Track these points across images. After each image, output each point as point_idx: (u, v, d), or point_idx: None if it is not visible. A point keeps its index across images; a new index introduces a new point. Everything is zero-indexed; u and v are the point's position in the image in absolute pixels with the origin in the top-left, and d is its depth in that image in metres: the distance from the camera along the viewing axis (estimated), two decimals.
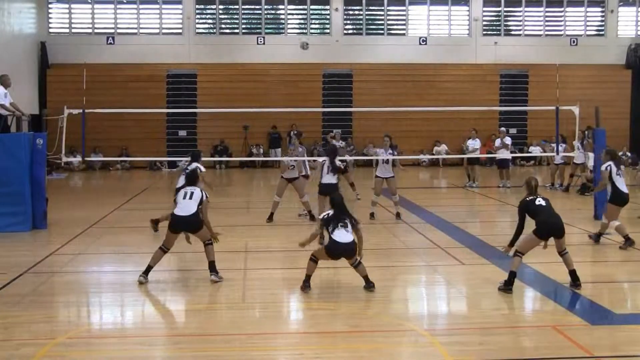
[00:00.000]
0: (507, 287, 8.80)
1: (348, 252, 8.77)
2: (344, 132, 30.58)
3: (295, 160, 14.65)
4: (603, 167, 12.36)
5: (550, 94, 18.18)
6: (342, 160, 14.29)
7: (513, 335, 7.19)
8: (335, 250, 8.75)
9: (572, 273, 8.94)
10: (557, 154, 18.06)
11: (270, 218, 14.31)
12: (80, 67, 21.89)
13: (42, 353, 6.58)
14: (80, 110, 14.79)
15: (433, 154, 29.84)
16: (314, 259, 8.92)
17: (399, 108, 27.07)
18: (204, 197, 9.54)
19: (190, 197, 9.50)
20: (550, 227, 8.97)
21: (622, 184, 12.27)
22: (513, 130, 30.58)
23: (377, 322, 7.70)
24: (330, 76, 30.87)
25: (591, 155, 16.49)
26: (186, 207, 9.43)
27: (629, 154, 30.10)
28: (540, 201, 9.06)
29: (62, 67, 29.10)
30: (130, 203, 18.10)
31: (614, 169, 12.23)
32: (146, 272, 9.36)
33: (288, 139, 29.49)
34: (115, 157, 28.08)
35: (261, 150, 30.03)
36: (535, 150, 29.04)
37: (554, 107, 15.94)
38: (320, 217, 9.17)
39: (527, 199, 9.20)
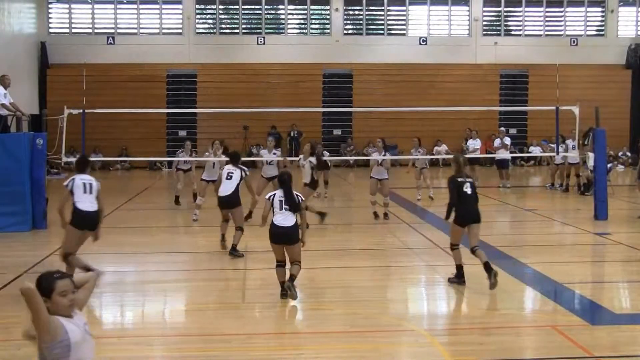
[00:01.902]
0: (458, 279, 9.08)
1: (288, 237, 8.29)
2: (344, 132, 30.61)
3: (274, 158, 14.74)
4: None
5: (550, 94, 18.17)
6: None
7: (513, 335, 7.19)
8: (275, 235, 8.34)
9: (486, 265, 8.83)
10: (557, 154, 18.07)
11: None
12: (80, 67, 21.91)
13: None
14: (80, 110, 14.82)
15: (433, 154, 29.81)
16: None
17: (399, 108, 27.06)
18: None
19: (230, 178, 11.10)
20: (470, 216, 9.12)
21: None
22: (513, 131, 30.59)
23: (377, 322, 7.69)
24: (330, 76, 30.87)
25: (591, 155, 16.48)
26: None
27: (629, 154, 30.13)
28: (467, 188, 9.13)
29: (62, 67, 29.09)
30: (130, 203, 18.09)
31: None
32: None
33: (288, 140, 29.52)
34: (115, 157, 28.07)
35: (261, 150, 29.99)
36: (535, 150, 29.02)
37: (554, 107, 15.96)
38: (267, 196, 8.71)
39: (457, 179, 9.23)
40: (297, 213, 8.46)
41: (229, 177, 11.33)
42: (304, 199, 8.98)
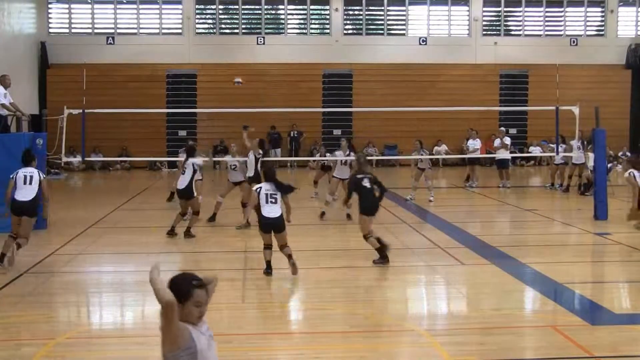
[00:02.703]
0: (382, 260, 10.05)
1: (276, 226, 9.45)
2: (343, 132, 30.58)
3: (237, 163, 14.68)
4: (626, 174, 12.98)
5: (550, 94, 18.17)
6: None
7: (513, 335, 7.19)
8: (265, 226, 9.48)
9: (380, 249, 10.04)
10: (557, 154, 18.06)
11: (212, 218, 14.25)
12: (80, 67, 21.92)
13: (42, 353, 6.58)
14: (80, 110, 14.80)
15: (433, 154, 29.80)
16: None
17: (399, 108, 27.04)
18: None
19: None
20: (373, 207, 10.49)
21: None
22: (513, 131, 30.57)
23: (377, 322, 7.69)
24: (330, 76, 30.86)
25: (591, 155, 16.49)
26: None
27: (629, 154, 30.12)
28: (366, 183, 10.42)
29: (62, 67, 29.09)
30: (130, 203, 18.09)
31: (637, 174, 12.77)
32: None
33: (289, 140, 29.52)
34: (115, 157, 28.07)
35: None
36: (535, 151, 29.02)
37: (554, 107, 15.95)
38: (254, 189, 9.77)
39: (357, 175, 10.61)
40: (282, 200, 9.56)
41: (182, 172, 12.66)
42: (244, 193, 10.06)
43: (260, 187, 9.58)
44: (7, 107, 14.08)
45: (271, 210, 9.43)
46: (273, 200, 9.47)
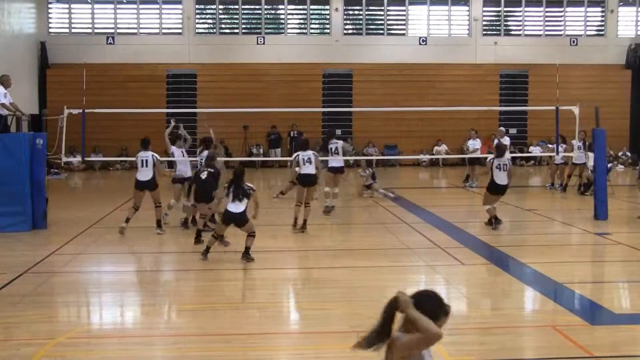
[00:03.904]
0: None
1: (237, 220, 10.35)
2: (343, 132, 30.57)
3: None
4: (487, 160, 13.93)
5: (550, 94, 18.15)
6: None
7: (513, 335, 7.19)
8: (227, 219, 10.38)
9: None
10: (557, 154, 18.06)
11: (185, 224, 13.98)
12: (80, 67, 21.88)
13: (42, 353, 6.58)
14: (80, 110, 14.80)
15: (433, 154, 29.84)
16: (214, 235, 10.56)
17: (399, 108, 27.05)
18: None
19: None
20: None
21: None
22: (513, 130, 30.56)
23: None
24: (330, 76, 30.85)
25: (591, 155, 16.50)
26: None
27: (628, 154, 30.13)
28: (203, 174, 11.95)
29: (62, 67, 29.08)
30: (130, 203, 18.02)
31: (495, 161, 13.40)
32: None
33: (289, 140, 29.51)
34: (115, 157, 28.05)
35: (261, 151, 30.02)
36: (535, 150, 29.02)
37: (554, 107, 15.94)
38: (225, 184, 10.66)
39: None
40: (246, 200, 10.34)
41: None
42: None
43: (231, 183, 10.46)
44: (7, 107, 14.08)
45: (235, 207, 10.27)
46: (238, 197, 10.29)
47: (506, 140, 21.53)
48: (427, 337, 3.48)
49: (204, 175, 12.16)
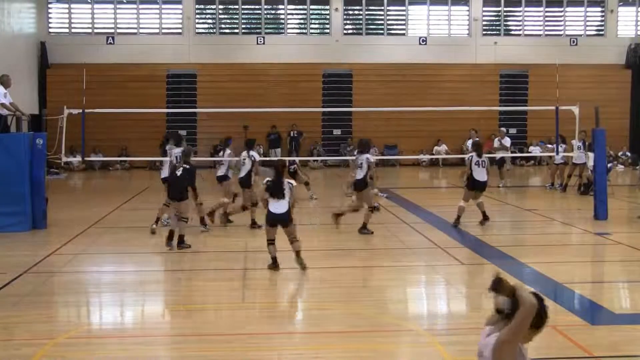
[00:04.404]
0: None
1: (282, 221, 9.74)
2: (344, 132, 30.58)
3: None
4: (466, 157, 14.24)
5: (550, 94, 18.15)
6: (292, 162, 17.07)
7: None
8: (271, 220, 9.76)
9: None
10: (557, 154, 18.05)
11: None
12: (80, 67, 21.87)
13: (42, 353, 6.58)
14: (80, 110, 14.79)
15: (433, 154, 29.84)
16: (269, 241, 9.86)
17: (399, 108, 27.04)
18: None
19: None
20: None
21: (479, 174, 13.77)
22: (513, 130, 30.57)
23: (376, 322, 7.69)
24: (330, 76, 30.85)
25: (591, 155, 16.49)
26: None
27: (628, 154, 30.13)
28: (179, 171, 11.70)
29: (62, 67, 29.07)
30: (130, 203, 18.10)
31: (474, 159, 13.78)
32: None
33: (288, 140, 29.50)
34: (115, 157, 28.06)
35: (261, 151, 29.96)
36: (535, 150, 29.02)
37: (554, 107, 15.95)
38: (264, 182, 9.98)
39: None
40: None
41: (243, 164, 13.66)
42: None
43: (270, 180, 9.87)
44: (7, 107, 14.07)
45: (277, 207, 9.69)
46: (280, 196, 9.69)
47: (507, 141, 21.54)
48: (525, 308, 3.71)
49: (179, 172, 11.79)
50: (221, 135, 29.31)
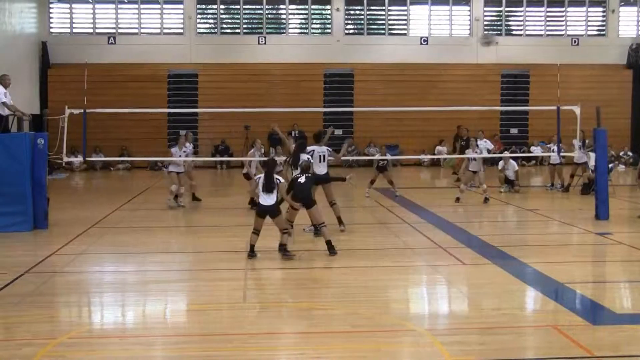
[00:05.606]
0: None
1: (271, 212, 10.60)
2: (345, 132, 30.56)
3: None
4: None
5: (552, 94, 18.14)
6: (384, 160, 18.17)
7: (514, 335, 7.18)
8: (260, 211, 10.66)
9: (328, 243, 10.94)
10: (558, 154, 18.02)
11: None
12: (81, 67, 21.88)
13: (43, 353, 6.58)
14: (81, 110, 14.79)
15: (434, 154, 29.83)
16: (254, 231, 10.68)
17: (400, 108, 27.04)
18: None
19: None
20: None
21: None
22: (514, 130, 30.59)
23: (377, 322, 7.69)
24: (331, 76, 30.86)
25: (592, 155, 16.47)
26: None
27: (630, 154, 30.11)
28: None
29: (63, 67, 29.10)
30: (131, 203, 18.10)
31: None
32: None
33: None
34: (116, 157, 28.07)
35: (262, 150, 29.96)
36: (536, 150, 28.96)
37: (555, 107, 15.93)
38: (256, 177, 11.24)
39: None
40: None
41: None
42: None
43: (261, 176, 10.76)
44: (9, 106, 14.07)
45: (266, 199, 10.58)
46: (269, 190, 10.57)
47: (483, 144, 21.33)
48: None
49: (302, 179, 11.82)
50: (222, 135, 29.61)
